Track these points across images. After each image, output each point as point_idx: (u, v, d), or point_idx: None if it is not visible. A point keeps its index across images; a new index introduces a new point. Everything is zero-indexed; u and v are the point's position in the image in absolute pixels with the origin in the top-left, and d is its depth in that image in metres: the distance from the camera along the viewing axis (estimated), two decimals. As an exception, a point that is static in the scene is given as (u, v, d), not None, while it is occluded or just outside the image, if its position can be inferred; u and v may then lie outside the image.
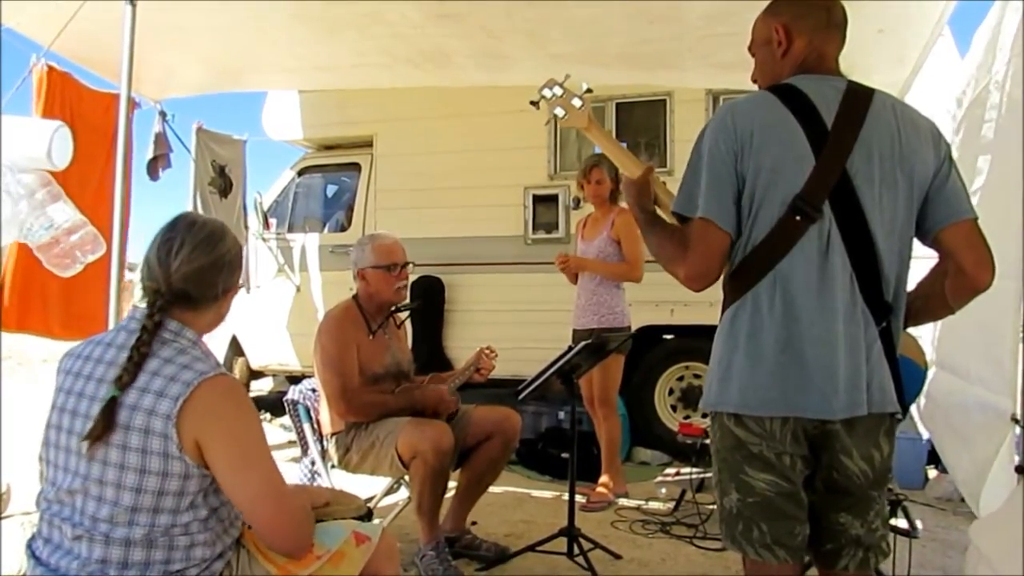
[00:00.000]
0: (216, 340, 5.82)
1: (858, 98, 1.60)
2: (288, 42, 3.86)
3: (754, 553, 1.58)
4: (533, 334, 4.79)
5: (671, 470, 4.68)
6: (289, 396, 3.26)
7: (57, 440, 1.49)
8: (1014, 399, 2.13)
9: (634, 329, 4.18)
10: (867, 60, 3.18)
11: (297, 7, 3.42)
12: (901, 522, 2.58)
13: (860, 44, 2.13)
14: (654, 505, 4.01)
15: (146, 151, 4.55)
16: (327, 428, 3.07)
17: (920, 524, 3.09)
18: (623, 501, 4.05)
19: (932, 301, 1.68)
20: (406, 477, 2.95)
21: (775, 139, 1.55)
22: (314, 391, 3.19)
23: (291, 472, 2.99)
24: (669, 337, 5.10)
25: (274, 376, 6.87)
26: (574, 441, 3.24)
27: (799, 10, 1.67)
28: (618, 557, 3.20)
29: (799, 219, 1.52)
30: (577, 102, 2.04)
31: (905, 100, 3.25)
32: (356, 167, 5.97)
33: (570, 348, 3.17)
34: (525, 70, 3.94)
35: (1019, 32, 2.23)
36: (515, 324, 5.07)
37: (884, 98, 1.62)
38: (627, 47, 3.76)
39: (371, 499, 3.02)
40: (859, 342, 1.54)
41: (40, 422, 1.55)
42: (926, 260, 1.70)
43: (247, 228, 5.72)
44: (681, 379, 5.09)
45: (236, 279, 1.64)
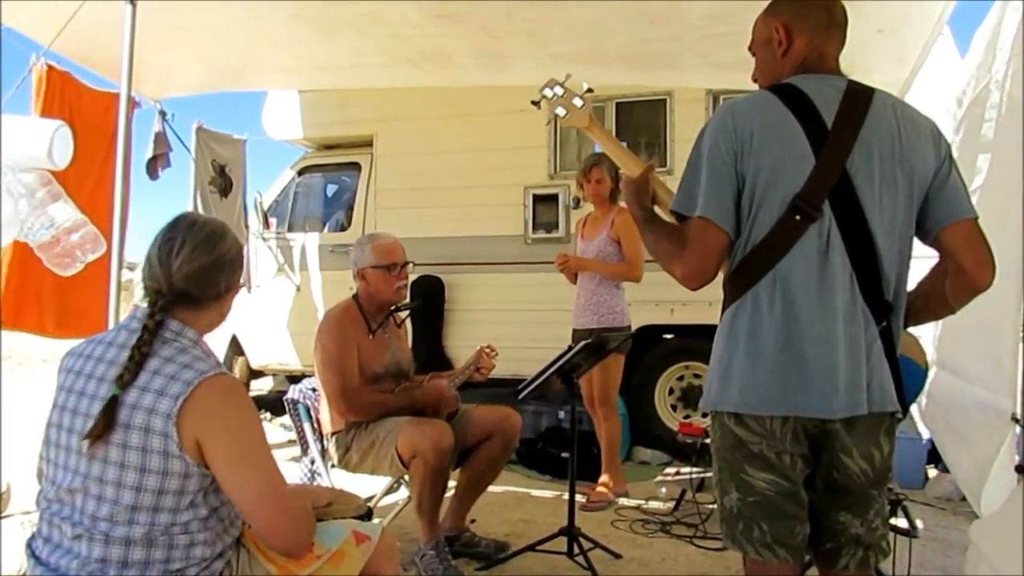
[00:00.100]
0: (216, 339, 5.81)
1: (858, 98, 1.59)
2: (288, 42, 3.86)
3: (754, 552, 1.58)
4: (533, 333, 4.79)
5: (671, 469, 4.69)
6: (289, 395, 3.26)
7: (58, 439, 1.49)
8: (1014, 399, 2.13)
9: (634, 329, 4.18)
10: (867, 60, 3.18)
11: (297, 7, 3.42)
12: (901, 522, 2.58)
13: (860, 44, 2.13)
14: (654, 505, 4.01)
15: (146, 150, 4.56)
16: (327, 427, 3.07)
17: (920, 524, 3.10)
18: (623, 501, 4.05)
19: (932, 300, 1.68)
20: (406, 476, 2.96)
21: (775, 138, 1.55)
22: (314, 390, 3.19)
23: (291, 472, 2.98)
24: (669, 337, 5.10)
25: (274, 375, 6.87)
26: (574, 441, 3.25)
27: (800, 10, 1.67)
28: (618, 557, 3.20)
29: (799, 218, 1.52)
30: (578, 102, 2.04)
31: (905, 100, 3.25)
32: (356, 167, 5.97)
33: (570, 348, 3.17)
34: (525, 70, 3.94)
35: (1019, 32, 2.24)
36: (515, 324, 5.07)
37: (884, 98, 1.62)
38: (627, 47, 3.75)
39: (371, 498, 3.02)
40: (859, 341, 1.54)
41: (40, 422, 1.55)
42: (926, 260, 1.70)
43: (248, 228, 5.71)
44: (681, 379, 5.09)
45: (237, 278, 1.64)
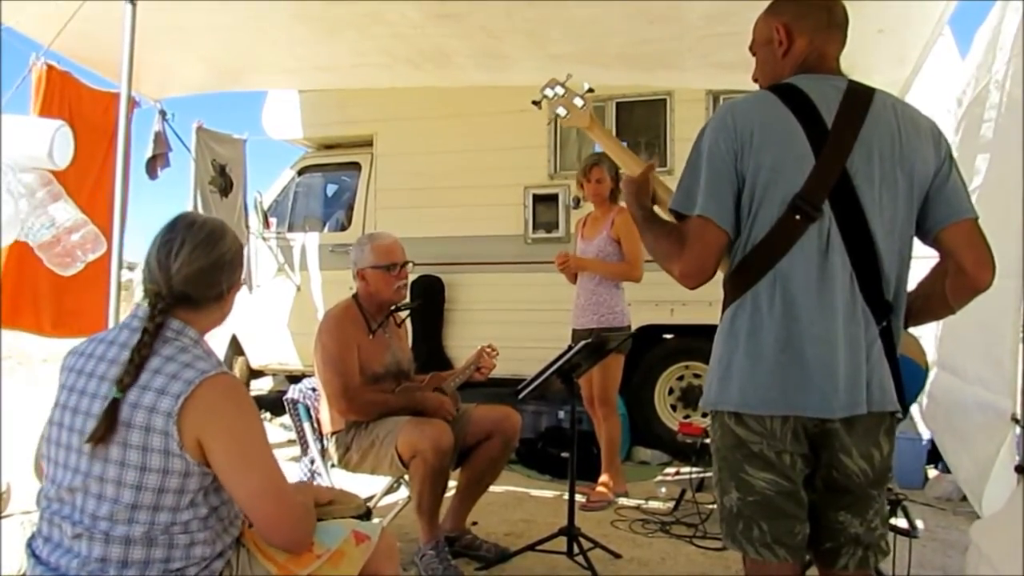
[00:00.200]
0: (216, 339, 5.81)
1: (858, 97, 1.59)
2: (288, 42, 3.86)
3: (754, 552, 1.58)
4: (533, 333, 4.79)
5: (671, 469, 4.69)
6: (289, 395, 3.26)
7: (59, 437, 1.49)
8: (1014, 399, 2.13)
9: (634, 329, 4.18)
10: (867, 60, 3.18)
11: (297, 7, 3.42)
12: (901, 522, 2.58)
13: (860, 43, 2.13)
14: (654, 504, 4.01)
15: (145, 150, 4.55)
16: (327, 427, 3.07)
17: (920, 524, 3.09)
18: (623, 500, 4.05)
19: (933, 301, 1.68)
20: (406, 476, 2.95)
21: (775, 138, 1.55)
22: (314, 390, 3.19)
23: (291, 471, 2.98)
24: (669, 336, 5.10)
25: (274, 375, 6.87)
26: (574, 440, 3.24)
27: (800, 10, 1.67)
28: (618, 556, 3.20)
29: (799, 218, 1.52)
30: (579, 101, 2.04)
31: (905, 100, 3.25)
32: (356, 166, 5.97)
33: (570, 347, 3.17)
34: (525, 70, 3.94)
35: (1019, 32, 2.24)
36: (515, 323, 5.08)
37: (884, 98, 1.62)
38: (627, 47, 3.75)
39: (371, 498, 3.02)
40: (859, 341, 1.54)
41: (40, 422, 1.55)
42: (926, 260, 1.70)
43: (248, 228, 5.70)
44: (681, 378, 5.09)
45: (238, 276, 1.64)
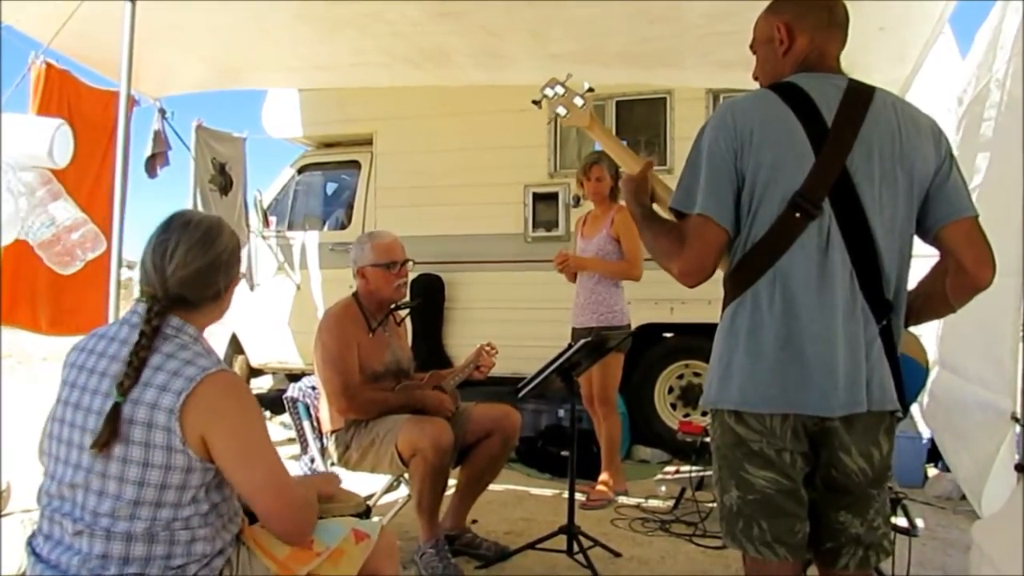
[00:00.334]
0: (216, 338, 5.81)
1: (859, 96, 1.59)
2: (290, 42, 3.85)
3: (754, 551, 1.58)
4: (533, 332, 4.80)
5: (671, 468, 4.69)
6: (289, 394, 3.26)
7: (59, 433, 1.49)
8: (1014, 398, 2.13)
9: (633, 327, 4.18)
10: (868, 58, 3.18)
11: (299, 7, 3.42)
12: (901, 520, 2.58)
13: (861, 42, 2.12)
14: (654, 503, 4.01)
15: (144, 149, 4.55)
16: (327, 426, 3.07)
17: (920, 522, 3.09)
18: (623, 499, 4.05)
19: (933, 299, 1.68)
20: (406, 475, 2.96)
21: (775, 136, 1.55)
22: (314, 389, 3.19)
23: (291, 470, 2.98)
24: (669, 335, 5.11)
25: (274, 374, 6.87)
26: (574, 439, 3.24)
27: (801, 9, 1.67)
28: (618, 555, 3.20)
29: (799, 216, 1.52)
30: (579, 101, 2.04)
31: (906, 98, 3.25)
32: (356, 165, 5.96)
33: (570, 346, 3.17)
34: (525, 69, 3.93)
35: (1019, 31, 2.24)
36: (515, 322, 5.07)
37: (885, 96, 1.62)
38: (627, 46, 3.75)
39: (371, 497, 3.02)
40: (859, 340, 1.53)
41: (40, 420, 1.56)
42: (927, 258, 1.70)
43: (248, 226, 5.69)
44: (681, 377, 5.09)
45: (235, 274, 1.64)
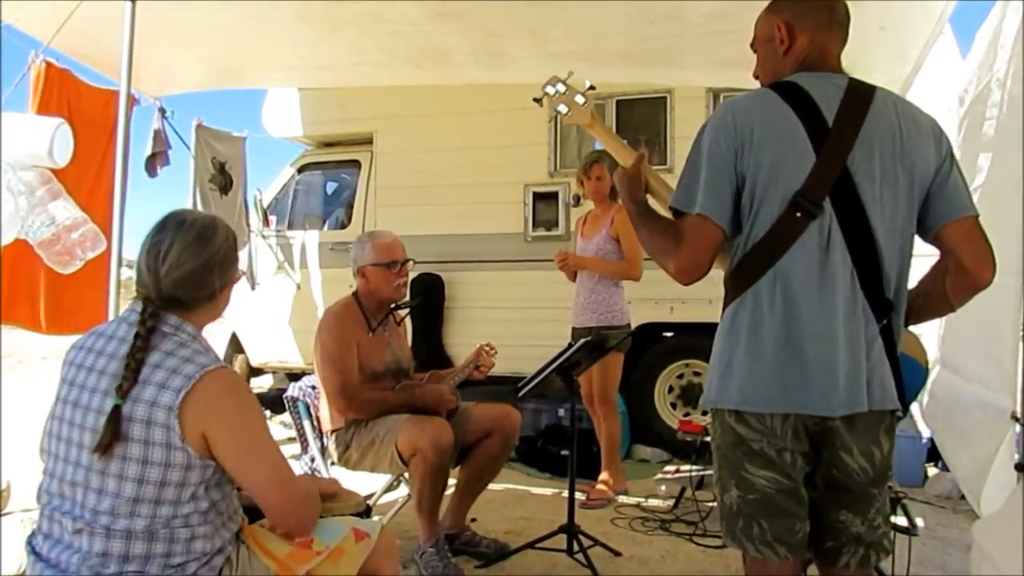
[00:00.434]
0: (216, 337, 5.82)
1: (859, 95, 1.59)
2: (290, 41, 3.85)
3: (754, 550, 1.58)
4: (533, 331, 4.79)
5: (671, 467, 4.69)
6: (289, 393, 3.26)
7: (59, 431, 1.49)
8: (1014, 397, 2.13)
9: (633, 327, 4.18)
10: (868, 57, 3.18)
11: (299, 7, 3.41)
12: (901, 520, 2.58)
13: (861, 41, 2.13)
14: (654, 502, 4.01)
15: (144, 148, 4.54)
16: (327, 425, 3.07)
17: (920, 522, 3.09)
18: (623, 498, 4.05)
19: (933, 299, 1.68)
20: (406, 474, 2.96)
21: (776, 136, 1.55)
22: (314, 388, 3.18)
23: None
24: (669, 335, 5.11)
25: (274, 373, 6.87)
26: (574, 438, 3.24)
27: (802, 8, 1.67)
28: (618, 554, 3.20)
29: (799, 215, 1.52)
30: (580, 99, 2.04)
31: (906, 97, 3.25)
32: (356, 164, 5.96)
33: (570, 345, 3.17)
34: (525, 68, 3.93)
35: (1019, 31, 2.24)
36: (515, 321, 5.07)
37: (885, 95, 1.62)
38: (628, 45, 3.75)
39: (371, 496, 3.02)
40: (859, 339, 1.53)
41: (40, 419, 1.56)
42: (927, 258, 1.70)
43: (249, 226, 5.69)
44: (681, 377, 5.09)
45: (232, 273, 1.63)
